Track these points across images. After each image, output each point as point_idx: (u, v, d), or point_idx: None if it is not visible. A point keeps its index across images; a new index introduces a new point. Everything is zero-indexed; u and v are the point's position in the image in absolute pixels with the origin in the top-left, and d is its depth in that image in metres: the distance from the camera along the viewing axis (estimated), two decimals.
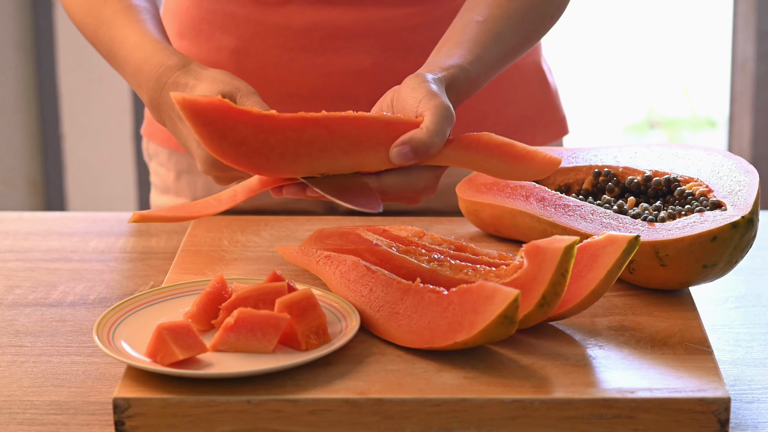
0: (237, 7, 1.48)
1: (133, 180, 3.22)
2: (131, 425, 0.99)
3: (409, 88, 1.17)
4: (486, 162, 1.16)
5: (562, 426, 0.99)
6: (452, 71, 1.21)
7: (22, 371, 1.11)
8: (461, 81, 1.22)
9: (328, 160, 1.11)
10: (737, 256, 1.17)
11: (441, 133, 1.12)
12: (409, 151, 1.11)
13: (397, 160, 1.12)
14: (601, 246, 1.09)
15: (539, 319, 1.07)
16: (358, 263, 1.17)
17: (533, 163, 1.16)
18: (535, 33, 1.33)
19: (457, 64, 1.22)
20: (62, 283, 1.30)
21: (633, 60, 4.49)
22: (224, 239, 1.36)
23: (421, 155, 1.11)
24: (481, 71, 1.25)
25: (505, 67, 1.31)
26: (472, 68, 1.23)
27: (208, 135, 1.08)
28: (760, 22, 3.22)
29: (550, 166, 1.15)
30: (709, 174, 1.25)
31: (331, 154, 1.11)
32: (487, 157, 1.15)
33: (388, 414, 0.99)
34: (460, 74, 1.22)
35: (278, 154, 1.10)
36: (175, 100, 1.06)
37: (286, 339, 1.06)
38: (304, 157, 1.10)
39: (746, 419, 1.04)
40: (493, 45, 1.27)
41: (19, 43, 3.14)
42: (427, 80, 1.17)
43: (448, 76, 1.20)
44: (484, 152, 1.15)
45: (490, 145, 1.15)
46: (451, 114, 1.13)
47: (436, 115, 1.12)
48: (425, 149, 1.11)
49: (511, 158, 1.15)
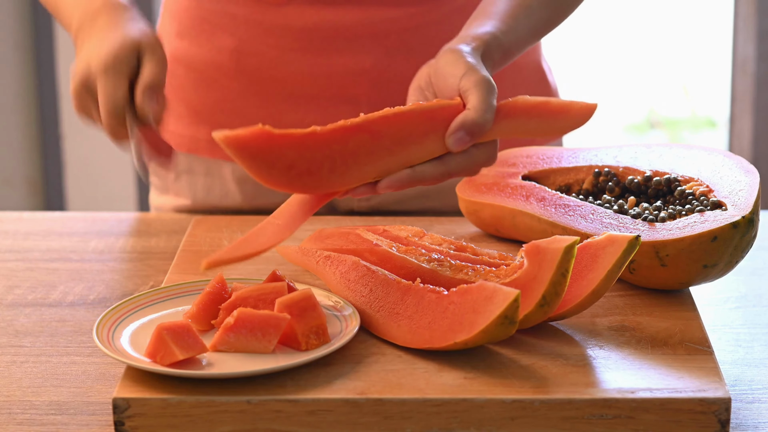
0: (237, 7, 1.48)
1: (133, 180, 3.22)
2: (131, 425, 0.99)
3: (448, 64, 1.16)
4: (528, 125, 1.15)
5: (563, 426, 0.99)
6: (486, 38, 1.21)
7: (21, 371, 1.11)
8: (494, 49, 1.22)
9: (378, 164, 1.10)
10: (738, 256, 1.17)
11: (491, 108, 1.12)
12: (465, 135, 1.11)
13: (457, 147, 1.11)
14: (601, 246, 1.09)
15: (539, 319, 1.07)
16: (358, 263, 1.16)
17: (572, 114, 1.16)
18: (565, 9, 1.35)
19: (490, 33, 1.22)
20: (62, 283, 1.30)
21: (633, 60, 4.49)
22: (224, 239, 1.36)
23: (477, 135, 1.11)
24: (513, 41, 1.25)
25: (536, 40, 1.31)
26: (505, 37, 1.24)
27: (257, 167, 1.06)
28: (760, 22, 3.22)
29: (588, 113, 1.16)
30: (709, 174, 1.25)
31: (379, 156, 1.10)
32: (528, 120, 1.15)
33: (388, 414, 0.99)
34: (493, 42, 1.22)
35: (328, 169, 1.08)
36: (218, 140, 1.05)
37: (286, 339, 1.06)
38: (353, 167, 1.09)
39: (747, 419, 1.04)
40: (524, 17, 1.27)
41: (19, 43, 3.14)
42: (464, 53, 1.17)
43: (481, 45, 1.20)
44: (525, 116, 1.15)
45: (528, 107, 1.15)
46: (494, 86, 1.13)
47: (481, 92, 1.12)
48: (480, 129, 1.11)
49: (550, 115, 1.15)
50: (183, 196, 1.58)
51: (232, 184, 1.54)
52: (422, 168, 1.12)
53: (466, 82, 1.13)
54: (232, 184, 1.54)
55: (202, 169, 1.55)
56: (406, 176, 1.11)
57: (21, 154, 3.20)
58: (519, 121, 1.15)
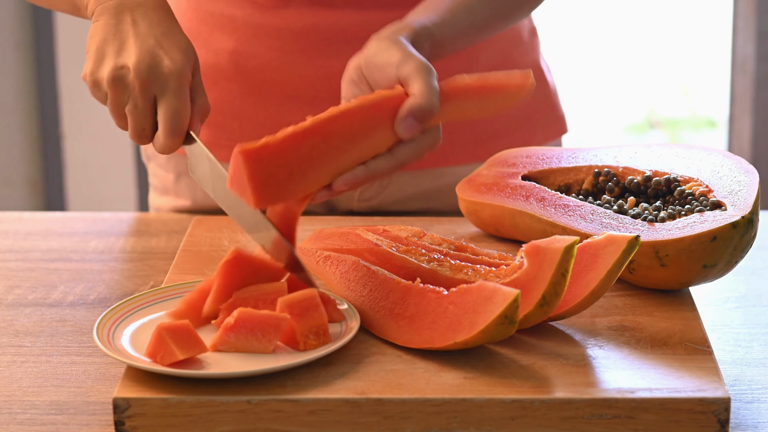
0: (235, 9, 1.48)
1: (133, 180, 3.22)
2: (131, 425, 0.99)
3: (380, 53, 1.16)
4: (470, 105, 1.15)
5: (562, 426, 0.99)
6: (415, 27, 1.21)
7: (22, 371, 1.11)
8: (424, 38, 1.22)
9: (332, 164, 1.10)
10: (737, 256, 1.17)
11: (435, 92, 1.12)
12: (414, 121, 1.11)
13: (407, 134, 1.11)
14: (601, 246, 1.09)
15: (539, 319, 1.07)
16: (358, 263, 1.17)
17: (510, 88, 1.15)
18: (511, 12, 1.34)
19: (420, 23, 1.23)
20: (62, 283, 1.30)
21: (633, 60, 4.49)
22: (224, 239, 1.36)
23: (426, 120, 1.11)
24: (447, 35, 1.25)
25: (477, 38, 1.31)
26: (437, 30, 1.24)
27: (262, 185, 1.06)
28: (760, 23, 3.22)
29: (525, 81, 1.14)
30: (709, 174, 1.25)
31: (332, 156, 1.10)
32: (469, 100, 1.14)
33: (388, 414, 0.99)
34: (422, 31, 1.22)
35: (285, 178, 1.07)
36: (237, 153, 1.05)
37: (286, 339, 1.06)
38: (309, 172, 1.08)
39: (746, 419, 1.04)
40: (464, 14, 1.28)
41: (19, 43, 3.14)
42: (395, 40, 1.17)
43: (410, 33, 1.20)
44: (465, 96, 1.14)
45: (467, 87, 1.14)
46: (432, 69, 1.13)
47: (423, 76, 1.12)
48: (428, 113, 1.11)
49: (490, 91, 1.15)
50: (183, 197, 1.58)
51: None
52: (375, 163, 1.12)
53: (404, 69, 1.13)
54: None
55: None
56: (360, 173, 1.11)
57: (21, 154, 3.20)
58: (461, 102, 1.14)
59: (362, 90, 1.19)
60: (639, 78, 4.48)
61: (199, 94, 1.19)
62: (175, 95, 1.16)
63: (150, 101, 1.16)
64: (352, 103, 1.11)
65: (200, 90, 1.19)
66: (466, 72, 1.49)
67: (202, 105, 1.19)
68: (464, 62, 1.49)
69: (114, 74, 1.16)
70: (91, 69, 1.18)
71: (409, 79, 1.13)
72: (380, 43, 1.18)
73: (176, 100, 1.16)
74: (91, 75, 1.18)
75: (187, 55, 1.18)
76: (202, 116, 1.19)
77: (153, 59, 1.16)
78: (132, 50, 1.17)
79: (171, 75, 1.16)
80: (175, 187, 1.58)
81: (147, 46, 1.17)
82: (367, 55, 1.18)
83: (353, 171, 1.11)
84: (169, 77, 1.16)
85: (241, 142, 1.54)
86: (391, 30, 1.21)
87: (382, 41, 1.18)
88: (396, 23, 1.23)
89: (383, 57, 1.16)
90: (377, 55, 1.17)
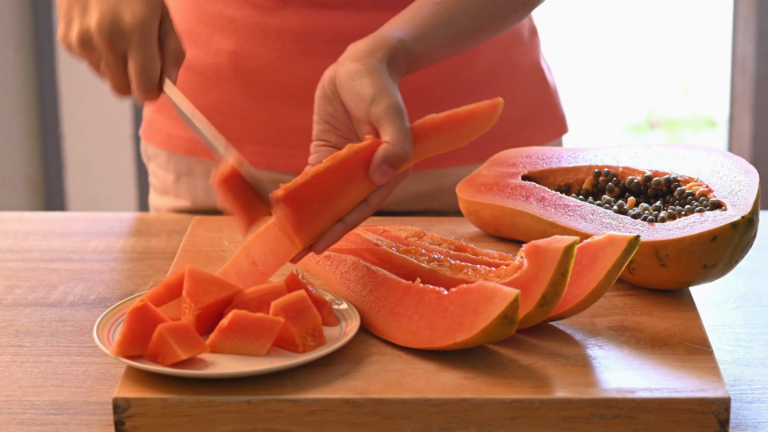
0: (235, 10, 1.48)
1: (133, 180, 3.22)
2: (131, 425, 0.99)
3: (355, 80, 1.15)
4: (441, 140, 1.14)
5: (562, 426, 0.99)
6: (393, 45, 1.20)
7: (22, 371, 1.11)
8: (401, 56, 1.20)
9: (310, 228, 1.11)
10: (737, 256, 1.17)
11: (408, 137, 1.12)
12: (388, 168, 1.11)
13: (382, 180, 1.11)
14: (601, 246, 1.09)
15: (539, 319, 1.07)
16: (358, 263, 1.17)
17: (479, 116, 1.14)
18: (496, 23, 1.32)
19: (399, 39, 1.21)
20: (62, 283, 1.30)
21: (633, 60, 4.49)
22: (224, 239, 1.36)
23: (400, 165, 1.11)
24: (425, 49, 1.24)
25: (460, 48, 1.30)
26: (415, 44, 1.22)
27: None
28: (760, 22, 3.22)
29: (494, 109, 1.14)
30: (709, 174, 1.25)
31: (310, 221, 1.11)
32: (441, 135, 1.14)
33: (388, 414, 0.99)
34: (400, 48, 1.20)
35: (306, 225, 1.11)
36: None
37: (284, 342, 1.05)
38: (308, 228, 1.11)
39: (746, 419, 1.04)
40: (443, 27, 1.25)
41: (19, 43, 3.14)
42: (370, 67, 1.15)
43: (387, 53, 1.19)
44: (437, 133, 1.14)
45: (437, 123, 1.14)
46: (403, 110, 1.13)
47: (395, 120, 1.12)
48: (402, 159, 1.11)
49: (460, 123, 1.14)
50: (183, 198, 1.58)
51: None
52: (351, 217, 1.13)
53: (376, 110, 1.13)
54: None
55: (202, 171, 1.55)
56: (339, 231, 1.12)
57: (21, 154, 3.20)
58: (433, 140, 1.14)
59: (335, 107, 1.18)
60: (639, 78, 4.48)
61: (171, 38, 1.17)
62: (139, 49, 1.15)
63: (120, 57, 1.16)
64: (324, 165, 1.11)
65: (171, 34, 1.18)
66: (466, 72, 1.50)
67: (174, 49, 1.17)
68: (464, 63, 1.49)
69: (81, 37, 1.16)
70: (62, 33, 1.19)
71: (381, 122, 1.12)
72: (356, 65, 1.16)
73: (141, 54, 1.15)
74: (64, 39, 1.19)
75: (150, 4, 1.16)
76: (175, 61, 1.18)
77: (113, 16, 1.15)
78: (93, 11, 1.16)
79: (134, 29, 1.15)
80: (174, 188, 1.58)
81: (108, 4, 1.16)
82: (341, 77, 1.17)
83: (332, 230, 1.12)
84: (133, 31, 1.15)
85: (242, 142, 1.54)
86: (369, 47, 1.18)
87: (358, 64, 1.16)
88: (374, 36, 1.21)
89: (356, 86, 1.15)
90: (351, 81, 1.15)
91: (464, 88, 1.49)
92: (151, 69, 1.15)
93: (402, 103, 1.14)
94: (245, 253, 1.14)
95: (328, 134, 1.19)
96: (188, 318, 1.07)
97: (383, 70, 1.16)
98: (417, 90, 1.47)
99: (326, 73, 1.19)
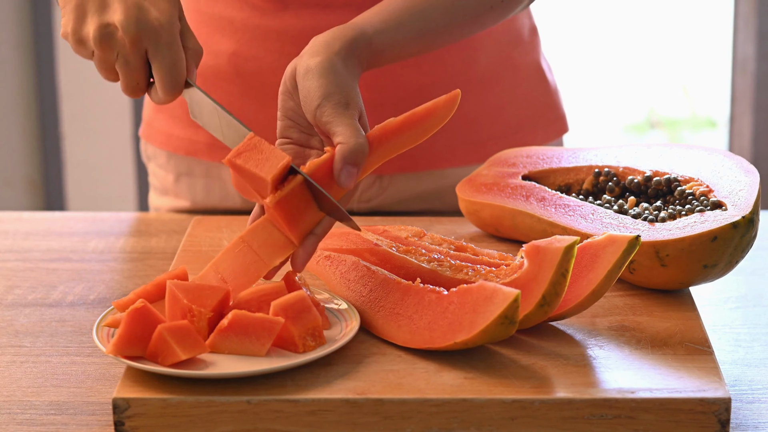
0: (235, 11, 1.48)
1: (133, 180, 3.22)
2: (131, 425, 0.99)
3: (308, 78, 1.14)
4: (402, 140, 1.14)
5: (563, 426, 0.99)
6: (353, 37, 1.18)
7: (21, 371, 1.11)
8: (361, 48, 1.19)
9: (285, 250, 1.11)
10: (738, 256, 1.17)
11: (358, 131, 1.11)
12: (351, 167, 1.10)
13: (349, 182, 1.10)
14: (601, 246, 1.09)
15: (539, 319, 1.07)
16: (358, 263, 1.17)
17: (439, 111, 1.13)
18: (469, 20, 1.30)
19: (361, 31, 1.20)
20: (62, 283, 1.30)
21: (633, 60, 4.49)
22: (224, 239, 1.36)
23: (361, 161, 1.10)
24: (388, 43, 1.22)
25: (430, 46, 1.28)
26: (378, 37, 1.21)
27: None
28: (760, 22, 3.22)
29: (453, 102, 1.13)
30: (709, 174, 1.25)
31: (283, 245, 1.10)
32: (401, 136, 1.14)
33: (388, 414, 0.99)
34: (360, 40, 1.19)
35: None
36: None
37: (284, 342, 1.05)
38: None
39: (747, 419, 1.04)
40: (412, 21, 1.24)
41: (19, 43, 3.14)
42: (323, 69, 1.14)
43: (346, 44, 1.17)
44: (397, 134, 1.13)
45: (396, 126, 1.13)
46: (348, 104, 1.12)
47: (341, 120, 1.11)
48: (360, 154, 1.10)
49: (420, 121, 1.13)
50: (182, 198, 1.58)
51: (232, 186, 1.54)
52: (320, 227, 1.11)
53: (322, 115, 1.12)
54: (231, 186, 1.54)
55: (202, 171, 1.55)
56: (311, 244, 1.11)
57: (21, 154, 3.20)
58: (393, 141, 1.14)
59: (296, 102, 1.17)
60: (639, 78, 4.48)
61: (189, 37, 1.16)
62: (168, 48, 1.13)
63: (142, 56, 1.13)
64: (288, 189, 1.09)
65: (189, 33, 1.16)
66: (466, 72, 1.50)
67: (194, 48, 1.16)
68: (464, 63, 1.49)
69: (101, 32, 1.12)
70: (73, 27, 1.14)
71: (329, 126, 1.11)
72: (312, 61, 1.15)
73: (170, 54, 1.13)
74: (74, 34, 1.14)
75: (173, 2, 1.14)
76: (196, 60, 1.16)
77: (140, 13, 1.12)
78: (116, 5, 1.13)
79: (162, 28, 1.12)
80: (174, 188, 1.58)
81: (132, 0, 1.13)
82: (298, 74, 1.15)
83: (305, 244, 1.11)
84: (160, 30, 1.12)
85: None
86: (327, 40, 1.17)
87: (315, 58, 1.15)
88: (337, 28, 1.20)
89: (307, 86, 1.14)
90: (304, 80, 1.14)
91: (464, 88, 1.48)
92: (180, 68, 1.13)
93: (351, 99, 1.12)
94: (214, 269, 1.11)
95: (290, 130, 1.18)
96: (200, 326, 1.05)
97: (338, 65, 1.15)
98: (417, 90, 1.47)
99: (288, 67, 1.18)
